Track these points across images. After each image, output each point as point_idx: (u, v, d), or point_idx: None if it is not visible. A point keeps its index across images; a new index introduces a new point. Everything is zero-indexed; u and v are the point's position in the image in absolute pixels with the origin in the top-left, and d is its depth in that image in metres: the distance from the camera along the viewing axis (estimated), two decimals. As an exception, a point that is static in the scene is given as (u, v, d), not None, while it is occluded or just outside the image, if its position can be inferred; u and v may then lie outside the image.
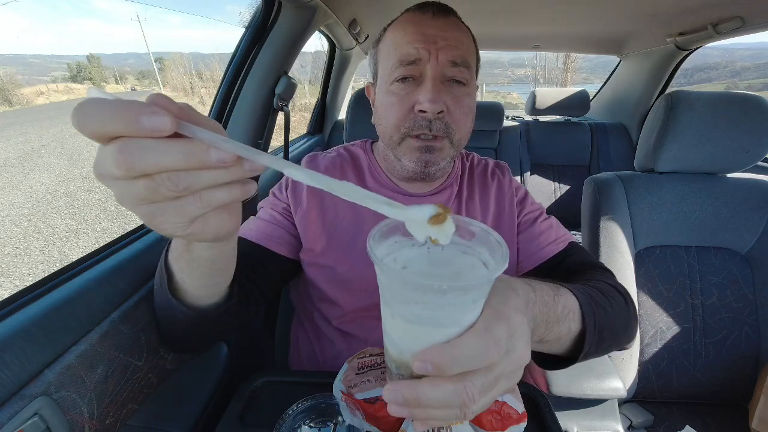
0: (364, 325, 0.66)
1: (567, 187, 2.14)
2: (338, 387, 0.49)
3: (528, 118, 2.44)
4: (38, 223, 4.95)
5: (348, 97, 2.22)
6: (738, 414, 0.94)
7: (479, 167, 0.75)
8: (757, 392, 0.87)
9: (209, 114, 1.02)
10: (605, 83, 2.49)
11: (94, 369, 0.51)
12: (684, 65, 1.93)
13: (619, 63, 2.30)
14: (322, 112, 2.12)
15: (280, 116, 1.13)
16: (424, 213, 0.27)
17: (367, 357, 0.54)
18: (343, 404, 0.44)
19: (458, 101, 0.59)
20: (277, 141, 1.28)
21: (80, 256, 0.63)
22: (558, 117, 2.36)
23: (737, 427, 0.90)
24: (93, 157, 0.25)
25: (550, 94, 2.22)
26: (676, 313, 0.98)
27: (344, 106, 2.19)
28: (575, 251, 0.66)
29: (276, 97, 1.05)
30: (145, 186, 0.24)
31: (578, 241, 0.71)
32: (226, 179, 0.26)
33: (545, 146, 2.16)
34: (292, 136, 1.48)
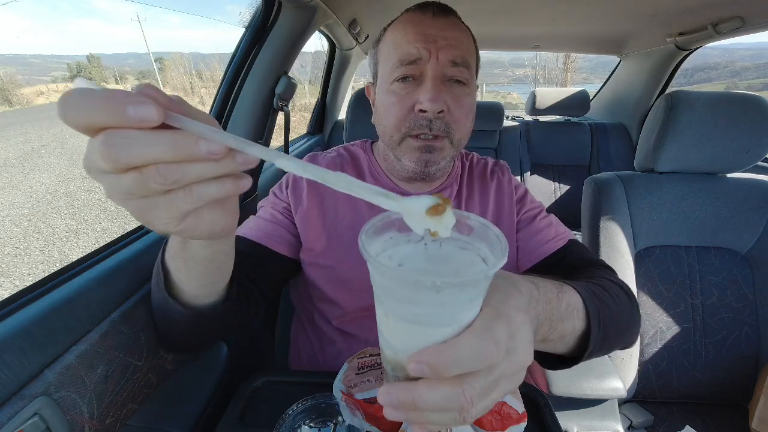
0: (365, 325, 0.66)
1: (567, 187, 2.14)
2: (338, 387, 0.49)
3: (528, 118, 2.44)
4: (38, 223, 4.95)
5: (348, 97, 2.22)
6: (738, 414, 0.94)
7: (479, 166, 0.75)
8: (757, 392, 0.87)
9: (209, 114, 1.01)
10: (605, 83, 2.49)
11: (94, 369, 0.51)
12: (684, 65, 1.93)
13: (619, 63, 2.30)
14: (322, 112, 2.12)
15: (280, 116, 1.13)
16: (422, 204, 0.26)
17: (367, 357, 0.54)
18: (343, 404, 0.44)
19: (458, 101, 0.59)
20: (277, 141, 1.28)
21: (80, 256, 0.63)
22: (558, 117, 2.36)
23: (737, 427, 0.91)
24: (93, 157, 0.24)
25: (550, 94, 2.22)
26: (676, 313, 0.98)
27: (344, 106, 2.19)
28: (575, 248, 0.66)
29: (276, 97, 1.05)
30: (134, 179, 0.23)
31: (578, 239, 0.70)
32: (218, 172, 0.25)
33: (545, 146, 2.16)
34: (292, 136, 1.48)
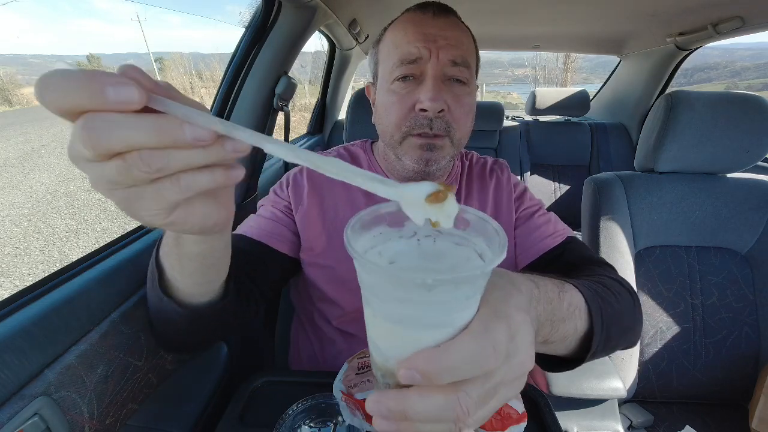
0: (365, 325, 0.66)
1: (567, 187, 2.14)
2: (338, 387, 0.49)
3: (528, 118, 2.44)
4: (38, 223, 4.95)
5: (348, 97, 2.22)
6: (738, 414, 0.94)
7: (478, 165, 0.75)
8: (757, 392, 0.87)
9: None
10: (605, 83, 2.49)
11: (94, 369, 0.51)
12: (684, 65, 1.93)
13: (619, 63, 2.30)
14: (322, 112, 2.12)
15: (280, 116, 1.13)
16: (422, 191, 0.24)
17: (367, 357, 0.54)
18: (343, 404, 0.44)
19: (459, 100, 0.59)
20: (277, 141, 1.27)
21: (80, 256, 0.63)
22: (558, 117, 2.36)
23: (737, 427, 0.91)
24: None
25: (550, 94, 2.22)
26: (676, 313, 0.98)
27: (344, 106, 2.19)
28: (575, 246, 0.65)
29: (276, 97, 1.05)
30: (117, 167, 0.22)
31: (577, 236, 0.70)
32: (206, 160, 0.24)
33: (545, 146, 2.16)
34: (292, 136, 1.48)
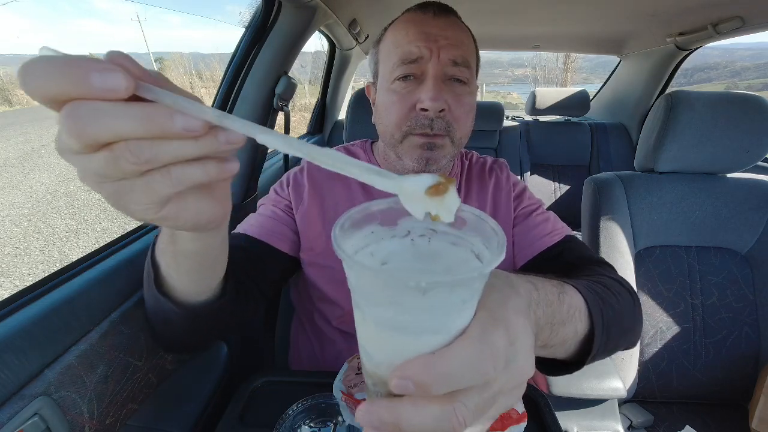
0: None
1: (567, 187, 2.14)
2: (338, 387, 0.49)
3: (528, 118, 2.44)
4: (38, 223, 4.95)
5: (348, 97, 2.22)
6: (738, 414, 0.94)
7: (477, 165, 0.75)
8: (757, 392, 0.87)
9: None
10: (605, 83, 2.49)
11: (94, 369, 0.51)
12: (684, 65, 1.93)
13: (619, 63, 2.30)
14: (322, 112, 2.12)
15: (280, 116, 1.13)
16: (422, 183, 0.23)
17: (367, 357, 0.54)
18: (343, 404, 0.44)
19: (459, 100, 0.59)
20: (277, 141, 1.27)
21: (80, 256, 0.63)
22: (558, 117, 2.36)
23: (737, 427, 0.91)
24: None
25: (550, 94, 2.22)
26: (676, 313, 0.98)
27: (344, 106, 2.19)
28: (573, 245, 0.65)
29: (276, 97, 1.05)
30: (105, 159, 0.21)
31: (576, 235, 0.70)
32: (198, 152, 0.23)
33: (545, 146, 2.16)
34: (292, 136, 1.48)
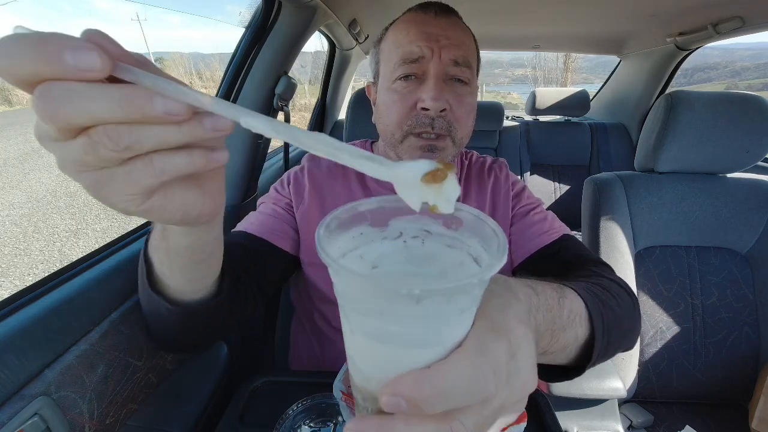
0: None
1: (567, 187, 2.14)
2: (338, 387, 0.49)
3: (528, 118, 2.44)
4: (38, 223, 4.95)
5: (348, 97, 2.22)
6: (738, 414, 0.94)
7: (477, 164, 0.75)
8: (757, 392, 0.87)
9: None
10: (605, 83, 2.49)
11: (94, 369, 0.51)
12: (684, 65, 1.93)
13: (619, 63, 2.30)
14: (322, 112, 2.12)
15: (280, 116, 1.13)
16: (418, 169, 0.22)
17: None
18: (343, 404, 0.44)
19: (460, 100, 0.59)
20: (277, 141, 1.28)
21: (80, 256, 0.63)
22: (558, 117, 2.36)
23: (737, 427, 0.91)
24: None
25: (550, 94, 2.22)
26: (676, 313, 0.98)
27: (344, 106, 2.20)
28: (571, 244, 0.64)
29: (276, 97, 1.05)
30: (82, 145, 0.20)
31: (573, 235, 0.69)
32: (182, 139, 0.22)
33: (545, 146, 2.16)
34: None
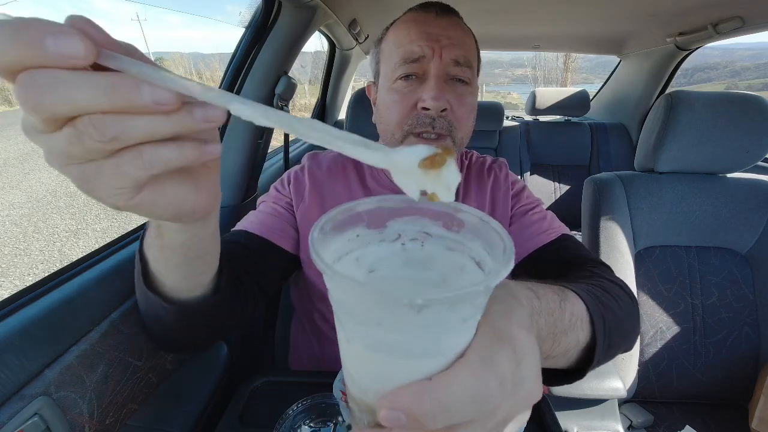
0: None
1: (567, 187, 2.14)
2: (338, 387, 0.49)
3: (528, 118, 2.44)
4: (38, 223, 4.95)
5: (348, 97, 2.22)
6: (738, 414, 0.94)
7: (477, 164, 0.75)
8: (757, 392, 0.87)
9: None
10: (605, 83, 2.49)
11: (94, 369, 0.51)
12: (684, 65, 1.93)
13: (619, 63, 2.30)
14: (322, 112, 2.12)
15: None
16: (415, 155, 0.20)
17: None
18: (343, 404, 0.44)
19: (461, 100, 0.59)
20: (277, 141, 1.28)
21: (80, 256, 0.63)
22: (558, 117, 2.36)
23: (737, 427, 0.91)
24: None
25: (550, 94, 2.22)
26: (676, 313, 0.98)
27: (344, 106, 2.20)
28: (570, 244, 0.64)
29: (276, 97, 1.05)
30: (67, 137, 0.20)
31: (573, 235, 0.69)
32: (171, 130, 0.21)
33: (545, 146, 2.16)
34: (292, 137, 1.48)
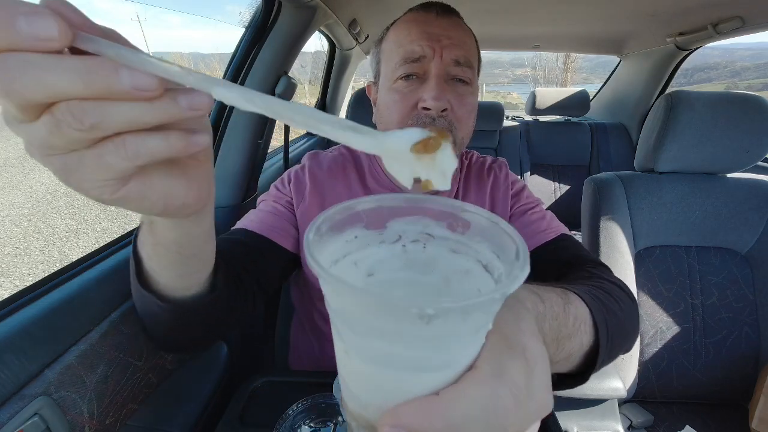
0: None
1: (567, 187, 2.14)
2: (338, 387, 0.49)
3: (528, 118, 2.44)
4: (38, 223, 4.95)
5: (348, 97, 2.22)
6: (738, 414, 0.94)
7: (477, 164, 0.75)
8: (757, 392, 0.87)
9: (209, 115, 1.02)
10: (605, 83, 2.49)
11: (94, 369, 0.51)
12: (684, 65, 1.93)
13: (619, 63, 2.30)
14: (322, 112, 2.12)
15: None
16: (407, 138, 0.19)
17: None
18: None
19: (461, 100, 0.59)
20: (277, 141, 1.28)
21: (80, 256, 0.63)
22: (558, 117, 2.36)
23: (737, 427, 0.91)
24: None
25: (550, 94, 2.23)
26: (676, 313, 0.97)
27: (344, 106, 2.20)
28: (568, 243, 0.64)
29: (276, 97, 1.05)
30: (46, 125, 0.19)
31: (572, 234, 0.69)
32: (155, 118, 0.20)
33: (545, 146, 2.16)
34: (292, 137, 1.48)
